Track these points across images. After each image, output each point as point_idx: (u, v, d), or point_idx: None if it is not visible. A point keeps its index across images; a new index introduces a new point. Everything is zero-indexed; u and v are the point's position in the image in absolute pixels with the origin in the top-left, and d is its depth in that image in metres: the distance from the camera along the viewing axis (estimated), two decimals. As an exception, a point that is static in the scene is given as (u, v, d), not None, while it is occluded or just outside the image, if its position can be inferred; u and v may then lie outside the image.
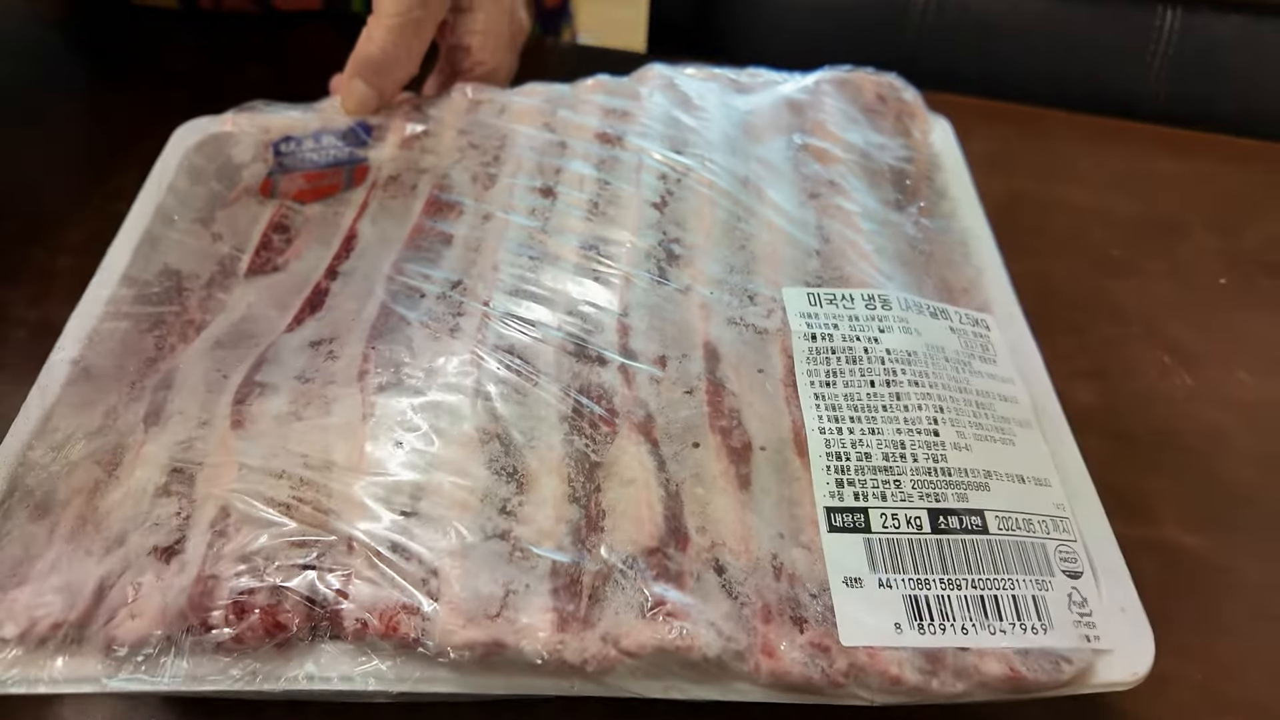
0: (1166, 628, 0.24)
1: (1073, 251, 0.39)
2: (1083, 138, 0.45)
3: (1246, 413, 0.34)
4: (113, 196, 0.37)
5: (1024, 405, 0.28)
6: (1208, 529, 0.31)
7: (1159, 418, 0.34)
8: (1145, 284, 0.38)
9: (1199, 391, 0.34)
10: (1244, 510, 0.31)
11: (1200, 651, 0.28)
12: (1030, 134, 0.45)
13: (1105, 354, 0.36)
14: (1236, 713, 0.27)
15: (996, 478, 0.25)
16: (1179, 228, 0.41)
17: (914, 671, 0.22)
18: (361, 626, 0.22)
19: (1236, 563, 0.30)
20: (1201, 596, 0.29)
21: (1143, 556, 0.28)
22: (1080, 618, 0.23)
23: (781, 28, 0.47)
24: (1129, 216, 0.41)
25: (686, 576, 0.23)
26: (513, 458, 0.25)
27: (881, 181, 0.34)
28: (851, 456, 0.25)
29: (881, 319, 0.28)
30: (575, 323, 0.28)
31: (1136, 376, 0.35)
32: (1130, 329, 0.37)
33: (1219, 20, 0.46)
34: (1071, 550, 0.25)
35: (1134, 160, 0.44)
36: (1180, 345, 0.36)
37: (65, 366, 0.29)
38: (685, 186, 0.32)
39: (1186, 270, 0.39)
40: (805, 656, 0.22)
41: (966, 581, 0.23)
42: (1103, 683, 0.23)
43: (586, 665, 0.22)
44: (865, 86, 0.38)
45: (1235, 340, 0.36)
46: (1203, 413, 0.34)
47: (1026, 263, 0.33)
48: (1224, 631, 0.29)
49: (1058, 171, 0.43)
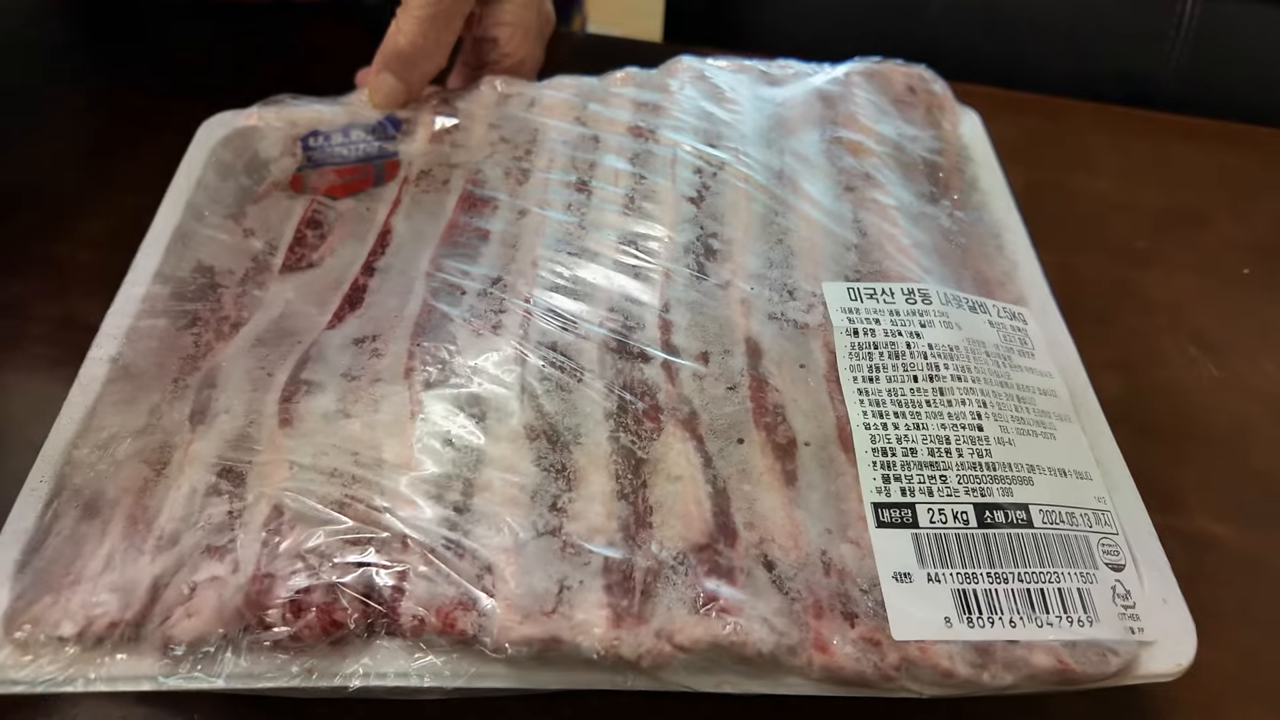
0: (1197, 616, 0.25)
1: (1096, 242, 0.40)
2: (1104, 128, 0.45)
3: (1273, 403, 0.34)
4: (130, 190, 0.37)
5: (1063, 399, 0.28)
6: (1236, 519, 0.31)
7: (1185, 408, 0.34)
8: (1169, 274, 0.38)
9: (1225, 382, 0.35)
10: (1272, 500, 0.32)
11: (1233, 640, 0.28)
12: (1052, 124, 0.45)
13: (1131, 345, 0.36)
14: (1267, 700, 0.28)
15: (1039, 471, 0.26)
16: (1202, 217, 0.41)
17: (965, 665, 0.22)
18: (419, 623, 0.23)
19: (1266, 552, 0.30)
20: (1232, 586, 0.30)
21: (1172, 546, 0.28)
22: (1124, 610, 0.24)
23: (799, 15, 0.47)
24: (1152, 206, 0.41)
25: (737, 572, 0.24)
26: (560, 454, 0.25)
27: (915, 174, 0.34)
28: (897, 452, 0.25)
29: (922, 314, 0.28)
30: (617, 319, 0.28)
31: (1162, 367, 0.35)
32: (1155, 320, 0.37)
33: (1238, 8, 0.46)
34: (1114, 543, 0.25)
35: (1155, 149, 0.44)
36: (1205, 336, 0.36)
37: (105, 364, 0.29)
38: (720, 180, 0.32)
39: (1210, 260, 0.39)
40: (857, 651, 0.23)
41: (1013, 575, 0.24)
42: (1148, 674, 0.23)
43: (642, 661, 0.22)
44: (895, 78, 0.38)
45: (1260, 331, 0.36)
46: (1229, 403, 0.34)
47: (1050, 254, 0.33)
48: (1255, 621, 0.29)
49: (1080, 162, 0.43)
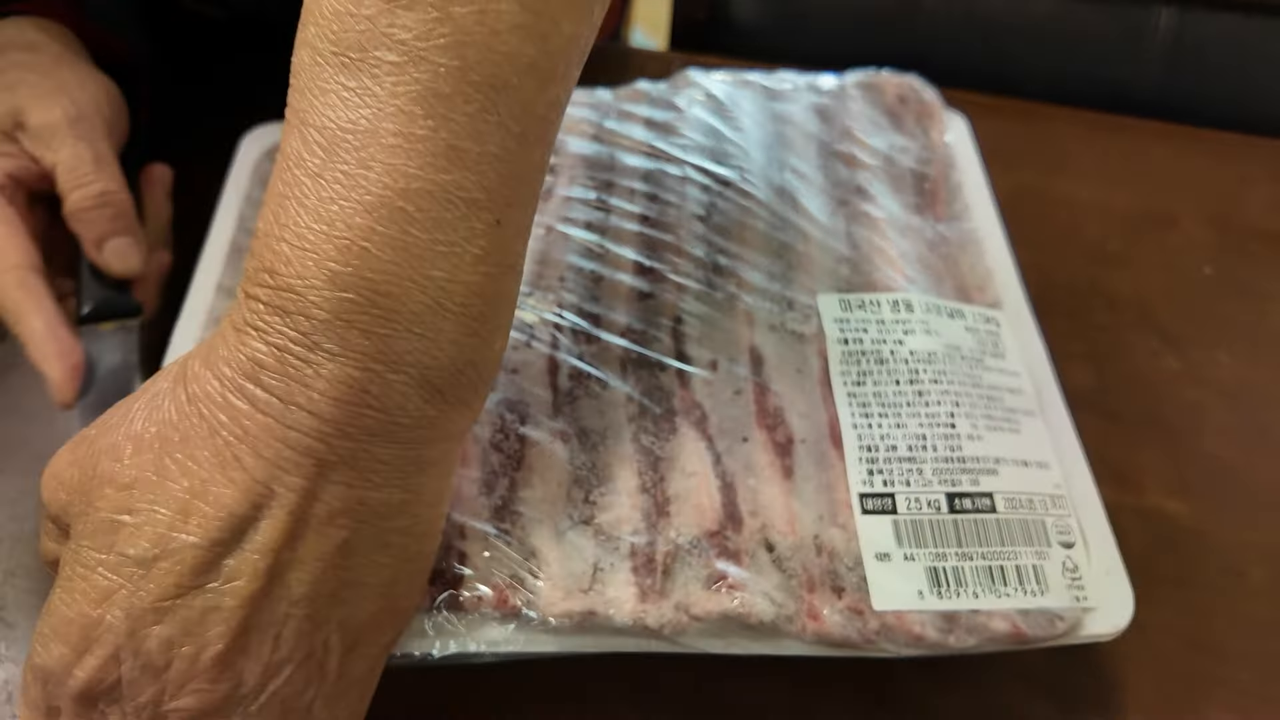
0: (1150, 582, 0.29)
1: (1071, 243, 0.43)
2: (1083, 132, 0.47)
3: (1226, 392, 0.38)
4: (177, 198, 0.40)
5: (1029, 395, 0.32)
6: (1188, 497, 0.35)
7: (1147, 397, 0.38)
8: (1137, 273, 0.42)
9: (1184, 373, 0.38)
10: (1220, 480, 0.35)
11: (1179, 603, 0.32)
12: (1033, 128, 0.47)
13: (1099, 339, 0.39)
14: (1207, 654, 0.32)
15: (1004, 463, 0.30)
16: (1170, 219, 0.44)
17: (934, 630, 0.27)
18: (478, 600, 0.27)
19: (1212, 526, 0.34)
20: (1181, 555, 0.34)
21: (1131, 521, 0.33)
22: (1072, 581, 0.28)
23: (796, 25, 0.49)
24: (1124, 209, 0.44)
25: (743, 554, 0.28)
26: (590, 454, 0.30)
27: (904, 186, 0.38)
28: (880, 448, 0.30)
29: (905, 322, 0.32)
30: (636, 331, 0.32)
31: (1127, 359, 0.39)
32: (1123, 316, 0.40)
33: (1212, 19, 0.48)
34: (1066, 524, 0.29)
35: (1131, 154, 0.46)
36: (1168, 330, 0.40)
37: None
38: (727, 199, 0.35)
39: (1176, 260, 0.42)
40: (844, 619, 0.27)
41: (977, 554, 0.28)
42: (1089, 635, 0.28)
43: (664, 629, 0.27)
44: (888, 89, 0.41)
45: (1218, 326, 0.40)
46: (1187, 392, 0.38)
47: (1028, 254, 0.36)
48: (1200, 586, 0.33)
49: (1058, 164, 0.46)
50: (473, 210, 0.21)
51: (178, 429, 0.21)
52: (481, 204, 0.21)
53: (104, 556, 0.21)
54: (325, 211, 0.20)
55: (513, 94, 0.20)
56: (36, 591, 0.34)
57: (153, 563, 0.21)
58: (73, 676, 0.22)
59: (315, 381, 0.20)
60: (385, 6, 0.19)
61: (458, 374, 0.22)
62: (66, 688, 0.22)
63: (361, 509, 0.22)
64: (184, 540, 0.21)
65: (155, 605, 0.21)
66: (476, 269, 0.21)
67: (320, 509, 0.21)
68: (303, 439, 0.21)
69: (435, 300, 0.21)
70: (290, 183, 0.20)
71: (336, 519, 0.22)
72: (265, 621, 0.22)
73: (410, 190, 0.20)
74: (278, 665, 0.22)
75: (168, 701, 0.22)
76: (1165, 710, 0.30)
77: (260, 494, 0.21)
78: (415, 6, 0.19)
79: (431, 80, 0.20)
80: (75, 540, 0.22)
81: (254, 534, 0.21)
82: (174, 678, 0.21)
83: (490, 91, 0.20)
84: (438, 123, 0.20)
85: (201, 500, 0.21)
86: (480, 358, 0.22)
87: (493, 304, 0.22)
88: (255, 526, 0.21)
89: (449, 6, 0.19)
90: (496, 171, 0.21)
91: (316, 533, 0.22)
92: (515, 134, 0.21)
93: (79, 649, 0.22)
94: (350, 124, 0.20)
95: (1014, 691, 0.30)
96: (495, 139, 0.21)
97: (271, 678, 0.22)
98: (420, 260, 0.20)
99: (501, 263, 0.22)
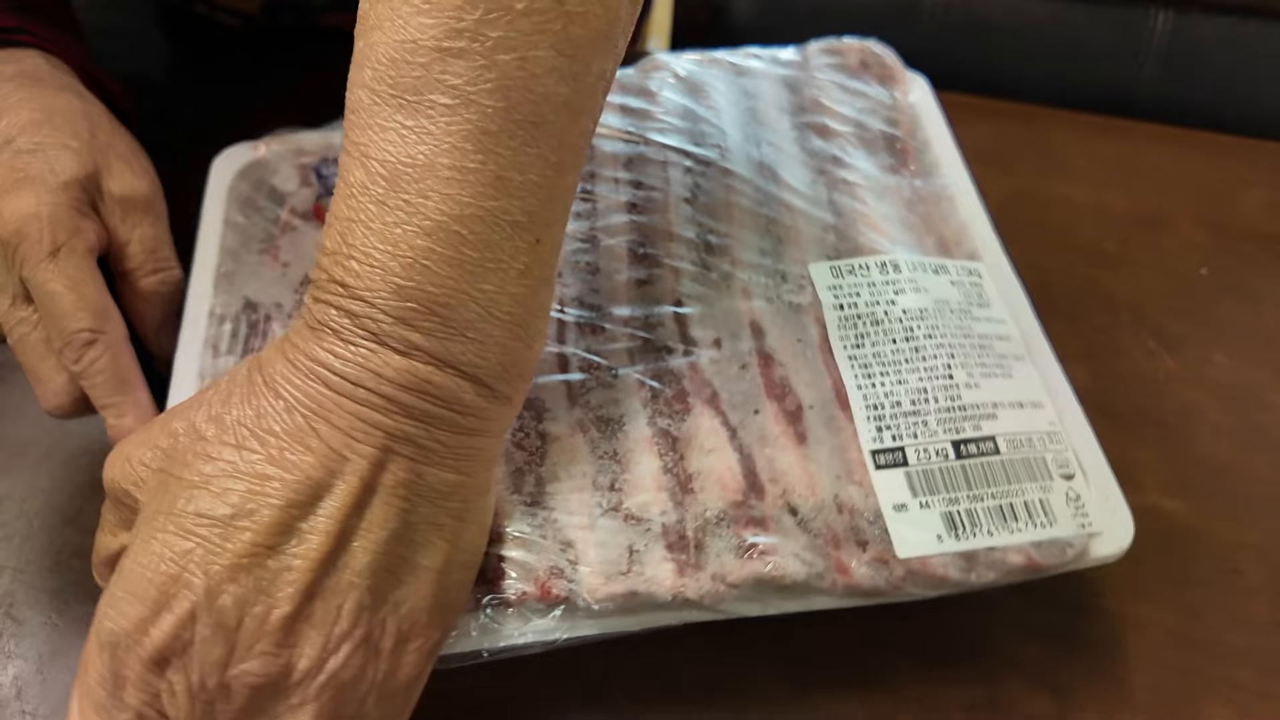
0: (1147, 580, 0.30)
1: (1068, 245, 0.43)
2: (1079, 135, 0.47)
3: (1221, 392, 0.38)
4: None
5: (1016, 341, 0.34)
6: (1184, 495, 0.36)
7: (1144, 396, 0.38)
8: (1133, 274, 0.42)
9: (1180, 373, 0.39)
10: (1216, 479, 0.36)
11: (1176, 601, 0.33)
12: (1030, 131, 0.47)
13: (1096, 339, 0.40)
14: (1205, 652, 0.32)
15: (1002, 407, 0.31)
16: (1166, 221, 0.44)
17: (956, 571, 0.29)
18: (522, 594, 0.28)
19: (1209, 525, 0.35)
20: (1177, 553, 0.34)
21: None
22: (1076, 510, 0.30)
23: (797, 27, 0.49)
24: (1121, 211, 0.44)
25: (769, 521, 0.29)
26: (610, 442, 0.31)
27: (876, 148, 0.39)
28: (885, 405, 0.31)
29: (894, 282, 0.33)
30: (639, 318, 0.33)
31: (1124, 359, 0.39)
32: (1119, 316, 0.41)
33: (1207, 22, 0.49)
34: (1064, 458, 0.31)
35: (1127, 156, 0.46)
36: (1163, 331, 0.40)
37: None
38: (710, 179, 0.36)
39: (1171, 261, 0.43)
40: (871, 570, 0.29)
41: (987, 494, 0.30)
42: (1097, 558, 0.30)
43: (703, 600, 0.28)
44: (849, 54, 0.42)
45: (1213, 326, 0.40)
46: (1182, 392, 0.38)
47: (1026, 256, 0.36)
48: (1195, 583, 0.34)
49: (1056, 168, 0.46)
50: (516, 231, 0.23)
51: (255, 408, 0.23)
52: (524, 226, 0.23)
53: (183, 520, 0.23)
54: (390, 234, 0.23)
55: (550, 129, 0.23)
56: (46, 589, 0.35)
57: (231, 522, 0.23)
58: (148, 636, 0.23)
59: (384, 370, 0.23)
60: (438, 55, 0.22)
61: (504, 372, 0.24)
62: (139, 649, 0.23)
63: (420, 483, 0.24)
64: (263, 501, 0.23)
65: (233, 563, 0.23)
66: (520, 282, 0.24)
67: (387, 478, 0.24)
68: (373, 414, 0.23)
69: (485, 309, 0.23)
70: (356, 209, 0.23)
71: (399, 489, 0.24)
72: (329, 588, 0.23)
73: (464, 215, 0.23)
74: (338, 640, 0.23)
75: (234, 665, 0.23)
76: (1163, 707, 0.31)
77: (335, 460, 0.23)
78: (465, 55, 0.22)
79: (480, 120, 0.22)
80: (149, 512, 0.24)
81: (328, 498, 0.23)
82: (243, 639, 0.23)
83: (531, 128, 0.23)
84: (486, 156, 0.22)
85: (279, 466, 0.23)
86: (522, 359, 0.25)
87: (533, 312, 0.25)
88: (329, 491, 0.23)
89: (494, 54, 0.22)
90: (536, 197, 0.23)
91: (382, 501, 0.24)
92: (553, 163, 0.24)
93: (156, 607, 0.23)
94: (410, 159, 0.22)
95: (1014, 688, 0.31)
96: (535, 169, 0.23)
97: (331, 653, 0.23)
98: (473, 275, 0.23)
99: (541, 276, 0.25)
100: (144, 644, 0.23)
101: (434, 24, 0.22)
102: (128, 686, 0.23)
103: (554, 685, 0.32)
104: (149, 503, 0.24)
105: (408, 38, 0.22)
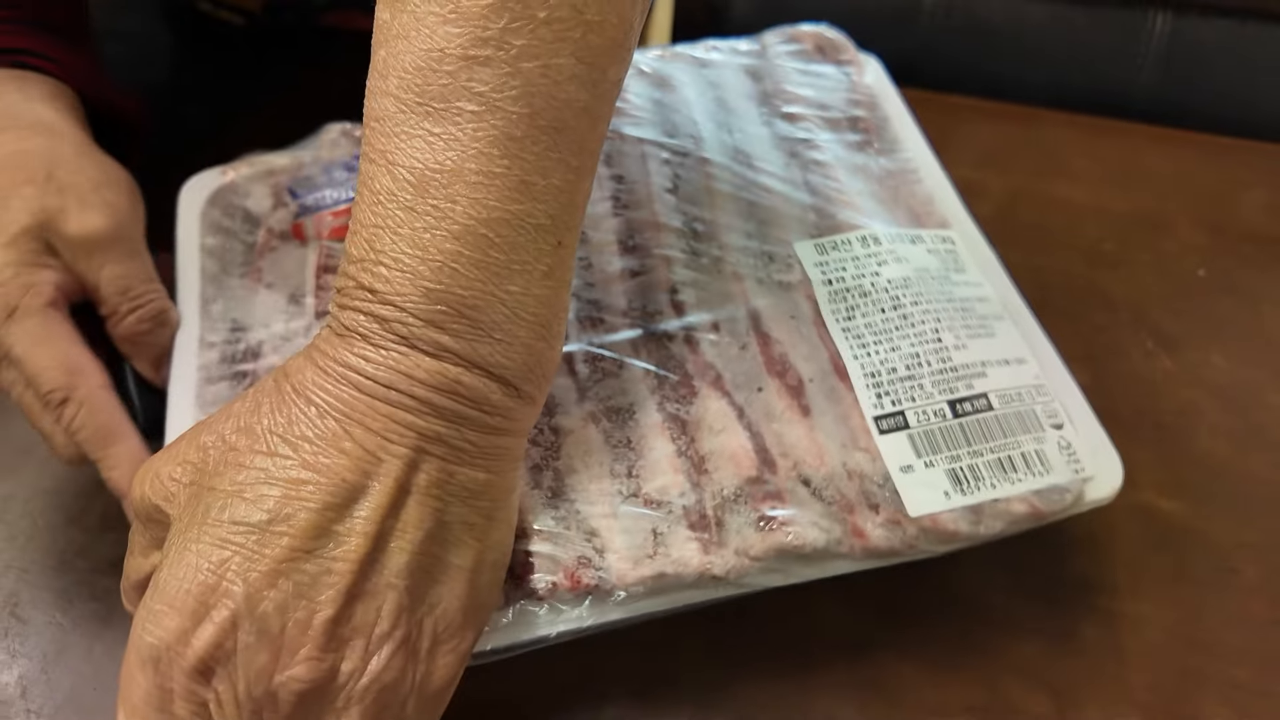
0: (1145, 579, 0.30)
1: (1068, 245, 0.44)
2: (1079, 136, 0.48)
3: (1218, 392, 0.39)
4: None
5: (994, 302, 0.35)
6: (1182, 495, 0.36)
7: (1142, 397, 0.39)
8: (1132, 275, 0.43)
9: (1177, 373, 0.39)
10: (1214, 479, 0.37)
11: (1174, 600, 0.33)
12: (1030, 132, 0.48)
13: (1095, 339, 0.40)
14: (1202, 650, 0.32)
15: (989, 365, 0.33)
16: (1165, 222, 0.45)
17: (965, 524, 0.30)
18: (552, 586, 0.28)
19: (1206, 524, 0.35)
20: (1175, 553, 0.35)
21: (1126, 519, 0.35)
22: (1069, 457, 0.31)
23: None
24: (1120, 212, 0.45)
25: (783, 493, 0.30)
26: (623, 430, 0.31)
27: (841, 128, 0.40)
28: (882, 373, 0.32)
29: (877, 255, 0.35)
30: (637, 309, 0.33)
31: (1122, 359, 0.40)
32: (1118, 316, 0.41)
33: (1206, 24, 0.50)
34: (1053, 409, 0.33)
35: (1126, 157, 0.47)
36: (1162, 331, 0.41)
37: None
38: (688, 168, 0.37)
39: (1170, 262, 0.43)
40: (886, 531, 0.30)
41: (986, 449, 0.31)
42: (1092, 500, 0.31)
43: (729, 575, 0.29)
44: (805, 40, 0.43)
45: (1212, 327, 0.41)
46: (1180, 392, 0.39)
47: (1026, 257, 0.37)
48: (1194, 583, 0.34)
49: (1055, 169, 0.47)
50: (540, 234, 0.24)
51: (286, 416, 0.24)
52: (547, 229, 0.24)
53: (218, 529, 0.23)
54: (419, 239, 0.23)
55: (571, 134, 0.24)
56: (50, 588, 0.35)
57: (268, 528, 0.22)
58: (190, 646, 0.22)
59: (416, 372, 0.23)
60: (464, 64, 0.22)
61: (529, 372, 0.25)
62: (182, 660, 0.23)
63: (452, 483, 0.24)
64: (299, 506, 0.23)
65: (272, 569, 0.22)
66: (544, 284, 0.24)
67: (421, 479, 0.24)
68: (407, 415, 0.23)
69: (512, 311, 0.24)
70: (383, 215, 0.23)
71: (432, 489, 0.24)
72: (369, 590, 0.23)
73: (491, 219, 0.23)
74: (379, 641, 0.24)
75: (280, 671, 0.23)
76: (1161, 706, 0.31)
77: (369, 462, 0.23)
78: (490, 63, 0.22)
79: (506, 125, 0.22)
80: (182, 525, 0.23)
81: (364, 500, 0.23)
82: (287, 644, 0.23)
83: (554, 133, 0.23)
84: (512, 161, 0.23)
85: (314, 470, 0.23)
86: (546, 359, 0.25)
87: (555, 313, 0.25)
88: (365, 493, 0.23)
89: (518, 63, 0.22)
90: (559, 201, 0.24)
91: (417, 501, 0.24)
92: (574, 167, 0.24)
93: (196, 617, 0.23)
94: (438, 165, 0.23)
95: (1012, 686, 0.32)
96: (558, 173, 0.24)
97: (373, 655, 0.23)
98: (499, 277, 0.23)
99: (562, 278, 0.25)
100: (186, 655, 0.23)
101: (460, 33, 0.22)
102: (175, 699, 0.23)
103: (554, 685, 0.32)
104: (181, 516, 0.24)
105: (435, 46, 0.22)
